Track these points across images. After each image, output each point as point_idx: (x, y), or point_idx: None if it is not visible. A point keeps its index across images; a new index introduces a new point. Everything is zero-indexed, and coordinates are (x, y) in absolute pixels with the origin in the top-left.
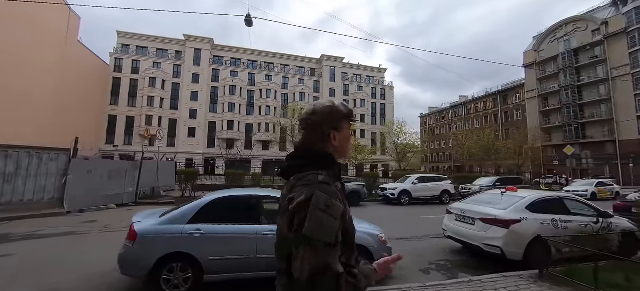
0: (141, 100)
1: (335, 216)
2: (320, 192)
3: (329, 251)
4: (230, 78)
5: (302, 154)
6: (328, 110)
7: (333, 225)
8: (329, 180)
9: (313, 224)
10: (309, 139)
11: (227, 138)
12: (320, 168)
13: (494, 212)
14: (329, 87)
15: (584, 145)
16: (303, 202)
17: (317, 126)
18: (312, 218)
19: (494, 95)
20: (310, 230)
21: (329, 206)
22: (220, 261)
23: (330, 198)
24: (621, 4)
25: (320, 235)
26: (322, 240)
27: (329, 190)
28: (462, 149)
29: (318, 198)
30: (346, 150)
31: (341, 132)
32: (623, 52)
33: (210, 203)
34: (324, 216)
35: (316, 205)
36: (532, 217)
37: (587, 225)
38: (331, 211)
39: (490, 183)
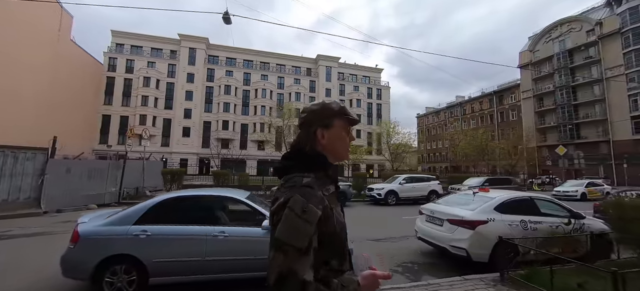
0: (135, 99)
1: (311, 221)
2: (298, 196)
3: (298, 257)
4: (226, 78)
5: (292, 155)
6: (318, 107)
7: (306, 230)
8: (315, 183)
9: (285, 228)
10: (300, 139)
11: (222, 138)
12: (308, 169)
13: (460, 213)
14: (325, 87)
15: (579, 146)
16: (281, 204)
17: (307, 124)
18: (285, 222)
19: (489, 95)
20: (282, 234)
21: (305, 210)
22: (167, 263)
23: (306, 203)
24: (615, 4)
25: (292, 239)
26: (292, 245)
27: (309, 194)
28: (456, 149)
29: (294, 202)
30: (339, 151)
31: (331, 130)
32: (617, 52)
33: (159, 204)
34: (298, 221)
35: (292, 208)
36: (500, 218)
37: (558, 226)
38: (307, 216)
39: (479, 184)
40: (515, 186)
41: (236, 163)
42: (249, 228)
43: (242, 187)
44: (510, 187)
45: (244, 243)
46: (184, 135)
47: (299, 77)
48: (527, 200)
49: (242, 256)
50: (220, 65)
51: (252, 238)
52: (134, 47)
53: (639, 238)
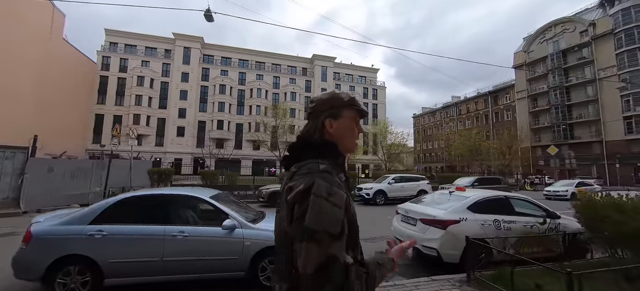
0: (129, 98)
1: (339, 205)
2: (321, 180)
3: (334, 242)
4: (221, 77)
5: (301, 143)
6: (327, 97)
7: (337, 214)
8: (331, 169)
9: (315, 214)
10: (309, 128)
11: (217, 138)
12: (321, 157)
13: (433, 212)
14: (321, 87)
15: (572, 146)
16: (303, 191)
17: (315, 114)
18: (313, 208)
19: (485, 95)
20: (313, 221)
21: (332, 194)
22: (123, 263)
23: (331, 186)
24: (608, 5)
25: (324, 225)
26: (326, 231)
27: (331, 179)
28: (450, 149)
29: (319, 186)
30: (347, 142)
31: (339, 120)
32: (610, 53)
33: (118, 203)
34: (327, 205)
35: (317, 193)
36: (473, 218)
37: (533, 225)
38: (334, 199)
39: (469, 183)
40: (505, 186)
41: (231, 163)
42: (209, 227)
43: (230, 187)
44: (499, 186)
45: (204, 243)
46: (178, 135)
47: (295, 76)
48: (501, 200)
49: (202, 256)
50: (216, 64)
51: (212, 238)
52: (127, 46)
53: (609, 237)
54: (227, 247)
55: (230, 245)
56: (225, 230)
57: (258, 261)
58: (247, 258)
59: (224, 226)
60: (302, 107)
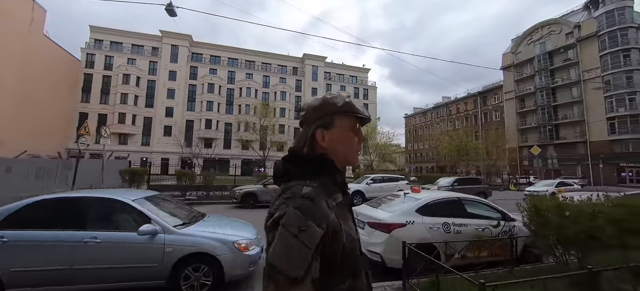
0: (114, 97)
1: (309, 244)
2: (294, 210)
3: (293, 287)
4: (209, 76)
5: (291, 157)
6: (317, 102)
7: (303, 254)
8: (317, 193)
9: (278, 251)
10: (299, 140)
11: (205, 137)
12: (309, 176)
13: (379, 215)
14: (311, 86)
15: (557, 146)
16: (274, 221)
17: (305, 123)
18: (277, 244)
19: (474, 96)
20: (274, 257)
21: (303, 230)
22: (27, 273)
23: (305, 220)
24: (593, 8)
25: (284, 265)
26: (284, 274)
27: (308, 209)
28: (437, 149)
29: (289, 219)
30: (345, 155)
31: (332, 130)
32: (594, 55)
33: (29, 206)
34: (293, 241)
35: (286, 226)
36: (421, 221)
37: (485, 228)
38: (304, 237)
39: (449, 184)
40: (485, 186)
41: (219, 163)
42: (126, 233)
43: (207, 187)
44: (478, 187)
45: (119, 250)
46: (165, 134)
47: (285, 75)
48: (454, 201)
49: (117, 264)
50: (204, 62)
51: (129, 244)
52: (113, 43)
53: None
54: (145, 254)
55: (150, 251)
56: (144, 235)
57: (181, 269)
58: (167, 266)
59: (141, 232)
60: (292, 106)
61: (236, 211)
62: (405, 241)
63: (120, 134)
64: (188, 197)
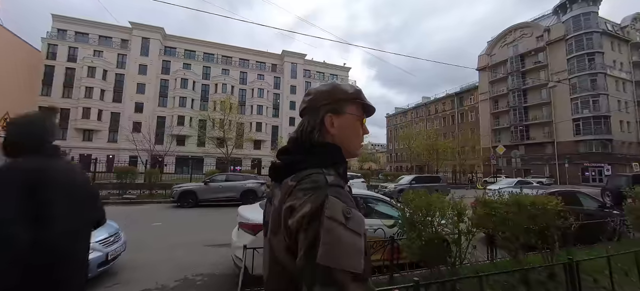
0: (78, 91)
1: (359, 231)
2: (334, 198)
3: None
4: (183, 70)
5: (299, 147)
6: (327, 88)
7: (359, 245)
8: (341, 181)
9: (331, 247)
10: (304, 127)
11: (177, 135)
12: (325, 165)
13: (249, 215)
14: (290, 84)
15: (528, 146)
16: (311, 212)
17: (313, 109)
18: (328, 238)
19: (451, 97)
20: (328, 257)
21: (349, 216)
22: None
23: (348, 207)
24: (561, 12)
25: (345, 262)
26: (348, 271)
27: (345, 195)
28: (410, 148)
29: (333, 207)
30: (352, 145)
31: (343, 117)
32: (562, 58)
33: None
34: (345, 233)
35: (332, 217)
36: None
37: (377, 229)
38: (353, 224)
39: (408, 182)
40: (444, 184)
41: (193, 161)
42: None
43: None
44: (436, 184)
45: None
46: (134, 131)
47: (263, 72)
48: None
49: None
50: (178, 57)
51: None
52: (78, 33)
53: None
54: None
55: None
56: None
57: None
58: None
59: None
60: (270, 104)
61: (172, 211)
62: (245, 245)
63: (84, 130)
64: (126, 195)
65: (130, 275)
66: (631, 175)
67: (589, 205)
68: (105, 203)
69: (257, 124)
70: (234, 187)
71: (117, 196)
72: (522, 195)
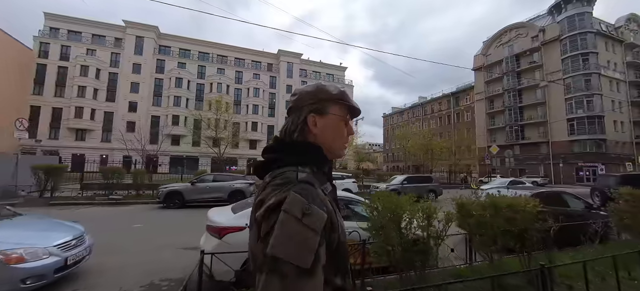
0: (71, 90)
1: (315, 228)
2: (296, 195)
3: (302, 280)
4: (178, 70)
5: (278, 145)
6: (311, 88)
7: (311, 241)
8: (313, 179)
9: (282, 238)
10: (288, 126)
11: (172, 134)
12: (301, 163)
13: (218, 218)
14: (286, 83)
15: (522, 146)
16: (271, 207)
17: (297, 108)
18: (281, 230)
19: (448, 97)
20: (277, 247)
21: (307, 213)
22: None
23: (308, 203)
24: (556, 12)
25: (292, 254)
26: (292, 263)
27: (309, 192)
28: (405, 148)
29: (292, 203)
30: (335, 146)
31: (325, 117)
32: (556, 58)
33: None
34: (298, 227)
35: (289, 211)
36: None
37: (352, 232)
38: (310, 220)
39: (399, 182)
40: (435, 184)
41: (188, 161)
42: None
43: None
44: (428, 185)
45: None
46: (128, 130)
47: (259, 72)
48: None
49: None
50: (172, 56)
51: None
52: (71, 32)
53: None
54: None
55: None
56: None
57: None
58: None
59: None
60: (266, 103)
61: (157, 212)
62: (203, 250)
63: (77, 130)
64: (112, 196)
65: (94, 280)
66: (619, 175)
67: (575, 205)
68: (90, 204)
69: (253, 124)
70: (222, 187)
71: (103, 197)
72: (499, 197)
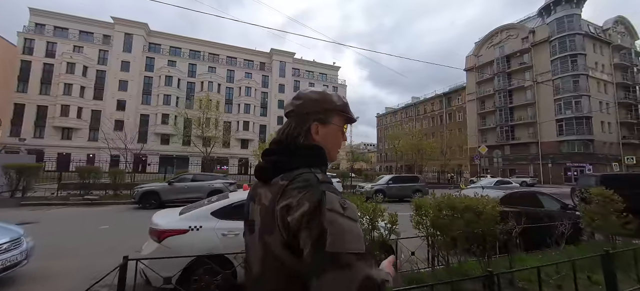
0: (56, 87)
1: (355, 218)
2: (330, 193)
3: (365, 262)
4: (167, 67)
5: (283, 148)
6: (316, 96)
7: (357, 229)
8: (329, 178)
9: (336, 235)
10: (291, 131)
11: (162, 133)
12: (312, 165)
13: (159, 221)
14: (278, 83)
15: (512, 146)
16: (310, 209)
17: (301, 114)
18: (333, 229)
19: (440, 97)
20: (335, 244)
21: (346, 207)
22: None
23: (343, 199)
24: (545, 14)
25: (350, 245)
26: (353, 252)
27: (336, 190)
28: (396, 148)
29: (332, 201)
30: (331, 151)
31: (327, 127)
32: (546, 59)
33: None
34: (345, 221)
35: (333, 209)
36: (211, 226)
37: None
38: (350, 213)
39: (385, 182)
40: (421, 184)
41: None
42: None
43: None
44: (415, 185)
45: None
46: (116, 129)
47: (251, 70)
48: None
49: None
50: (162, 54)
51: None
52: (57, 28)
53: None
54: None
55: None
56: None
57: None
58: None
59: None
60: (258, 103)
61: (131, 212)
62: (126, 256)
63: (63, 128)
64: (87, 196)
65: (27, 287)
66: (599, 175)
67: (551, 206)
68: (64, 205)
69: (245, 123)
70: (201, 187)
71: (78, 197)
72: (458, 198)
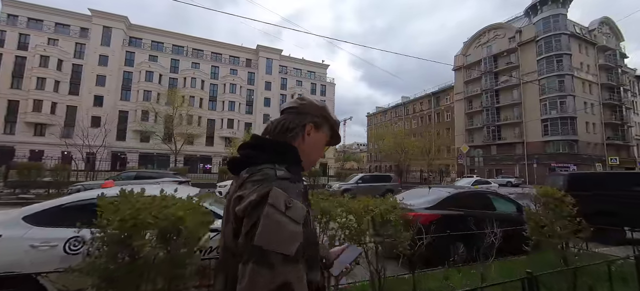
0: (29, 81)
1: (298, 219)
2: (277, 189)
3: (289, 266)
4: (148, 63)
5: (255, 143)
6: (320, 104)
7: (295, 231)
8: (290, 176)
9: (268, 230)
10: (285, 123)
11: (141, 131)
12: (278, 161)
13: None
14: (265, 80)
15: (499, 146)
16: (254, 202)
17: (300, 113)
18: (266, 223)
19: (429, 96)
20: (264, 239)
21: (290, 206)
22: None
23: (290, 197)
24: (532, 14)
25: (277, 245)
26: (279, 253)
27: (290, 187)
28: (380, 148)
29: (275, 197)
30: (312, 156)
31: (318, 133)
32: (532, 59)
33: None
34: (283, 219)
35: (273, 204)
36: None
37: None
38: (292, 213)
39: (354, 182)
40: (394, 184)
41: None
42: None
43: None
44: (386, 184)
45: None
46: (93, 126)
47: (237, 67)
48: None
49: None
50: (144, 48)
51: None
52: (31, 20)
53: None
54: None
55: None
56: None
57: None
58: None
59: None
60: (243, 100)
61: None
62: None
63: (35, 124)
64: (22, 195)
65: None
66: (567, 174)
67: (505, 209)
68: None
69: (229, 121)
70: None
71: (11, 195)
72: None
